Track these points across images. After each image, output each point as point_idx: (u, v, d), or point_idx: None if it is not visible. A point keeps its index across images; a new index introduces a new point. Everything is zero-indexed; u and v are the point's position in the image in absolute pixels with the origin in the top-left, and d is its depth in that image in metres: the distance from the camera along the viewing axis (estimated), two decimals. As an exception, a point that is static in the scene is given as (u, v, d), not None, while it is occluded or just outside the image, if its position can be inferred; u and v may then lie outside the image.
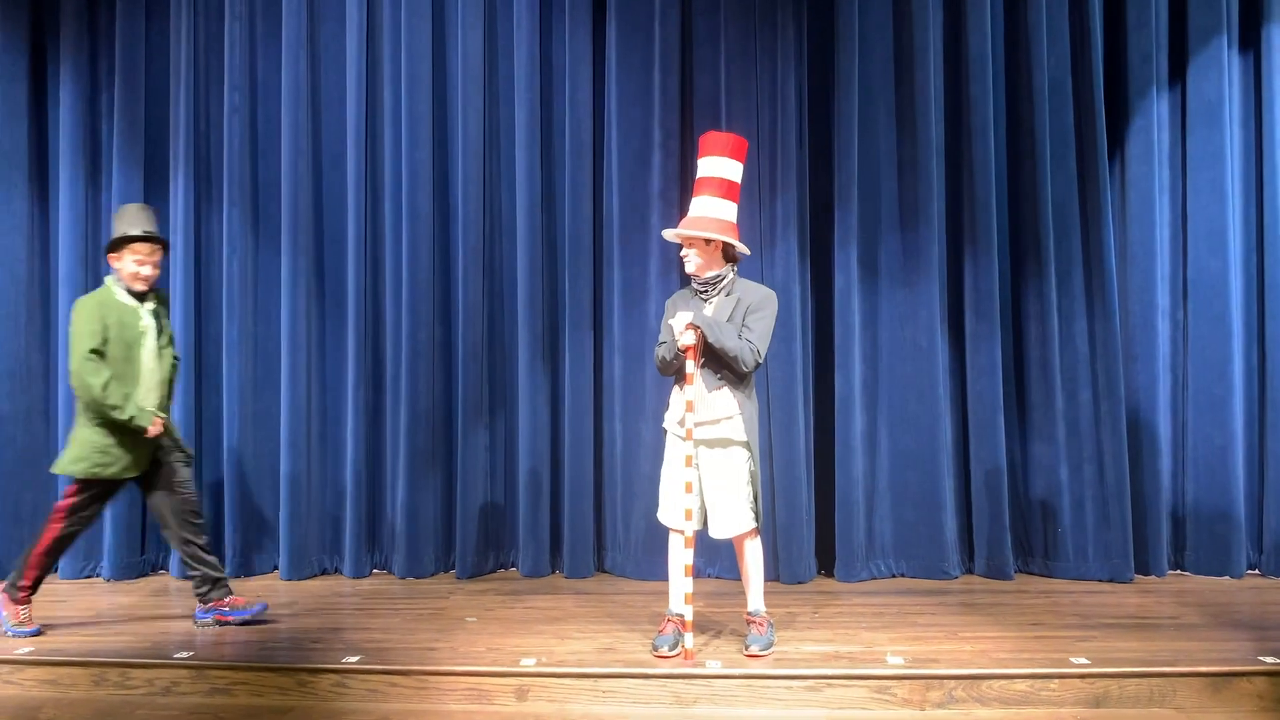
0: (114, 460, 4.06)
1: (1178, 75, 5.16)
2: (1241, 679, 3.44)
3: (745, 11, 5.11)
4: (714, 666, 3.54)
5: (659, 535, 4.23)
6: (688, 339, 3.64)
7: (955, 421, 5.14)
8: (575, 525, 5.15)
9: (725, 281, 3.78)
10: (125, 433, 4.05)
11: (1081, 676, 3.44)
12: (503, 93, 5.31)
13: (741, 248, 3.79)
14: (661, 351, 3.82)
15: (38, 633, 4.05)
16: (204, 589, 4.24)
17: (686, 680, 3.49)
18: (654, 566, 4.90)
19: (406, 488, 5.10)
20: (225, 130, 5.22)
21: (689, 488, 3.69)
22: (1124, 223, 5.14)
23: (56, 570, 5.12)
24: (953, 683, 3.45)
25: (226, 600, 4.25)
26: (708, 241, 3.73)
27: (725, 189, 3.77)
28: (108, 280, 4.19)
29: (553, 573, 5.24)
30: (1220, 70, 5.03)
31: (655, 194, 5.12)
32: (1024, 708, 3.41)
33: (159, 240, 4.18)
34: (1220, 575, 4.97)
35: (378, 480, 5.29)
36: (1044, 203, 5.01)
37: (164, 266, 4.48)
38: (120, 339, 4.06)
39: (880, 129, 5.14)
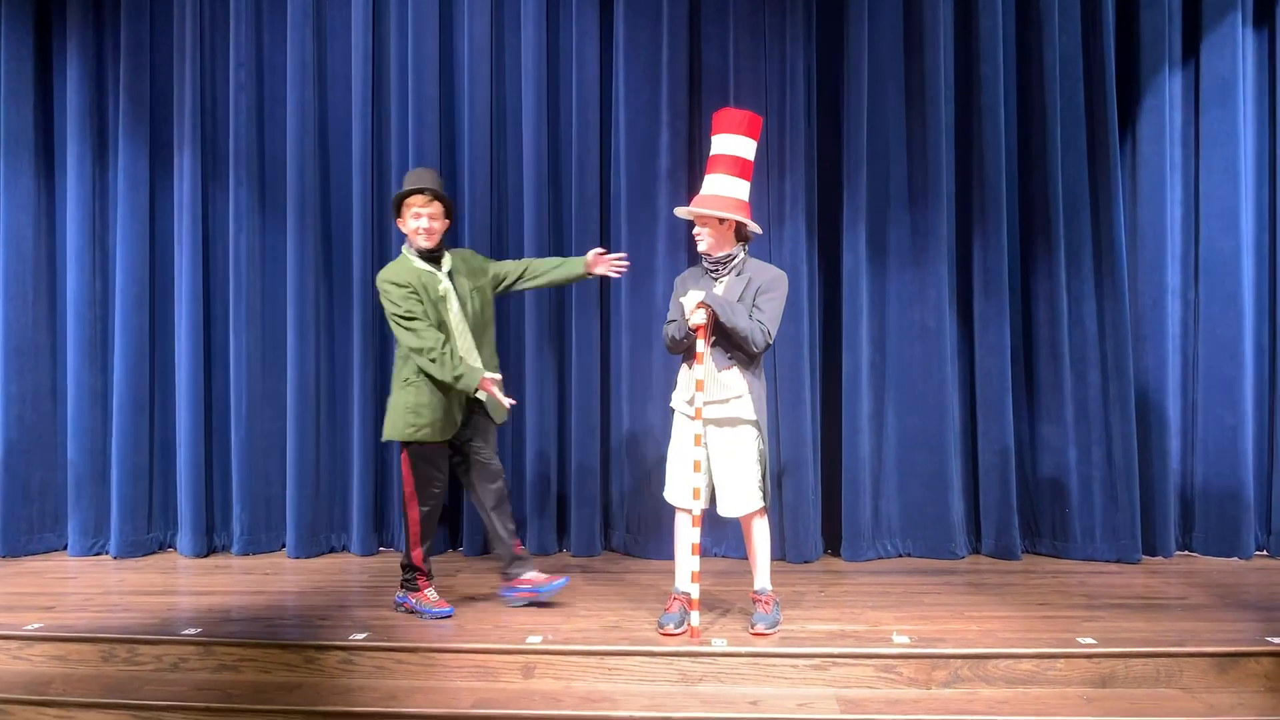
0: (424, 422, 3.91)
1: (1191, 53, 5.11)
2: (1248, 659, 3.43)
3: (754, -12, 5.07)
4: (720, 645, 3.54)
5: (666, 514, 4.24)
6: (698, 318, 3.62)
7: (963, 402, 5.13)
8: (582, 504, 5.15)
9: (736, 261, 3.76)
10: (434, 394, 3.91)
11: (1088, 656, 3.44)
12: (509, 70, 5.27)
13: (753, 227, 3.77)
14: (671, 330, 3.81)
15: (451, 613, 3.98)
16: (505, 566, 4.14)
17: (692, 658, 3.49)
18: (660, 545, 4.91)
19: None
20: (231, 108, 5.20)
21: (697, 466, 3.68)
22: (1135, 202, 5.10)
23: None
24: (958, 662, 3.45)
25: (527, 576, 4.11)
26: (720, 221, 3.71)
27: (739, 167, 3.74)
28: (403, 249, 4.04)
29: (559, 551, 5.25)
30: (1234, 47, 4.98)
31: (663, 173, 5.09)
32: (1030, 687, 3.41)
33: (433, 193, 3.95)
34: (1229, 556, 4.96)
35: (385, 458, 5.28)
36: (1054, 182, 4.97)
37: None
38: (428, 305, 3.93)
39: (889, 108, 5.10)
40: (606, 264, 4.20)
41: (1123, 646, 3.49)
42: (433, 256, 4.01)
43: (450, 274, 4.03)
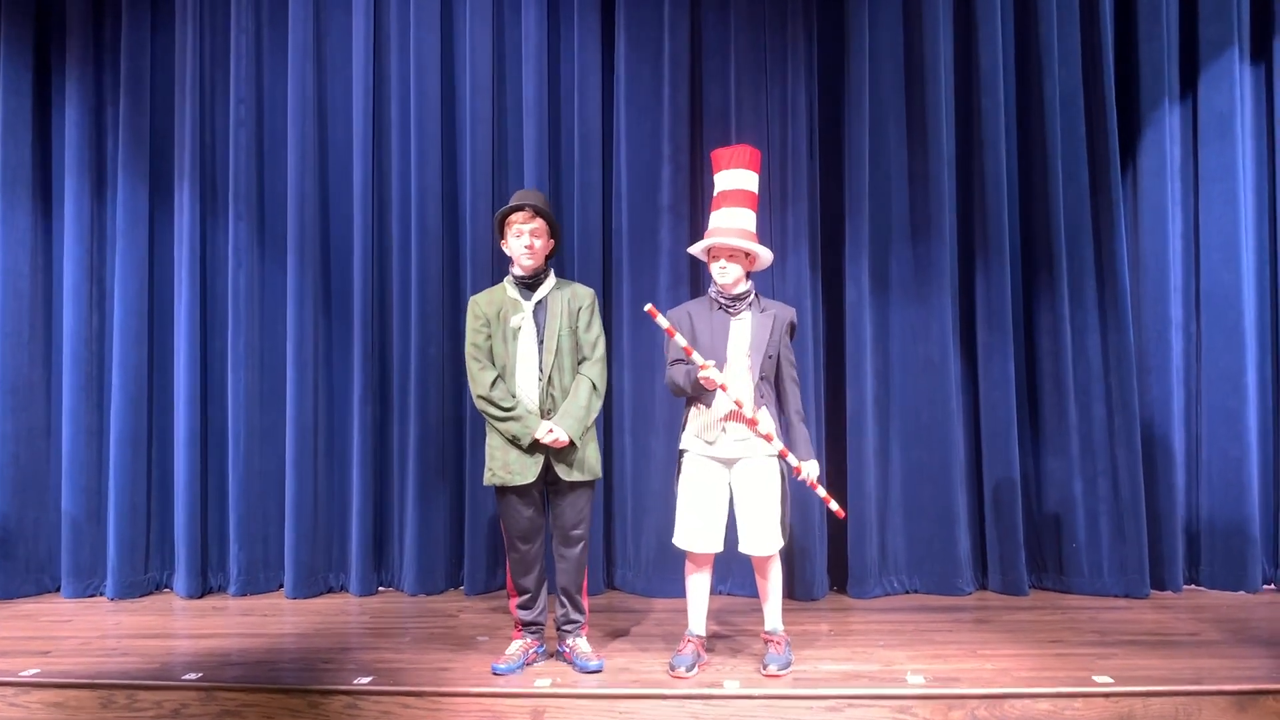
0: (496, 465, 3.75)
1: (1189, 88, 5.14)
2: (1267, 697, 3.38)
3: (755, 23, 5.08)
4: (732, 687, 3.48)
5: (670, 552, 4.18)
6: (714, 376, 3.57)
7: (968, 436, 5.10)
8: (585, 541, 5.08)
9: (752, 296, 3.75)
10: (497, 435, 3.76)
11: (1106, 695, 3.39)
12: (511, 105, 5.26)
13: (766, 259, 3.78)
14: (680, 383, 3.71)
15: (513, 670, 3.68)
16: (562, 625, 3.91)
17: (705, 701, 3.43)
18: (665, 584, 4.86)
19: (415, 504, 5.04)
20: (231, 143, 5.18)
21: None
22: (1136, 235, 5.11)
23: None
24: (975, 702, 3.40)
25: (568, 645, 3.86)
26: (746, 254, 3.70)
27: (749, 200, 3.77)
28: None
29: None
30: (1232, 82, 5.01)
31: (665, 207, 5.08)
32: (1048, 728, 3.37)
33: (534, 209, 3.72)
34: (1236, 590, 4.93)
35: (385, 497, 5.23)
36: (1056, 215, 4.98)
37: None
38: (500, 334, 3.77)
39: (891, 141, 5.11)
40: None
41: (1138, 685, 3.44)
42: (529, 284, 3.81)
43: (540, 305, 3.80)
